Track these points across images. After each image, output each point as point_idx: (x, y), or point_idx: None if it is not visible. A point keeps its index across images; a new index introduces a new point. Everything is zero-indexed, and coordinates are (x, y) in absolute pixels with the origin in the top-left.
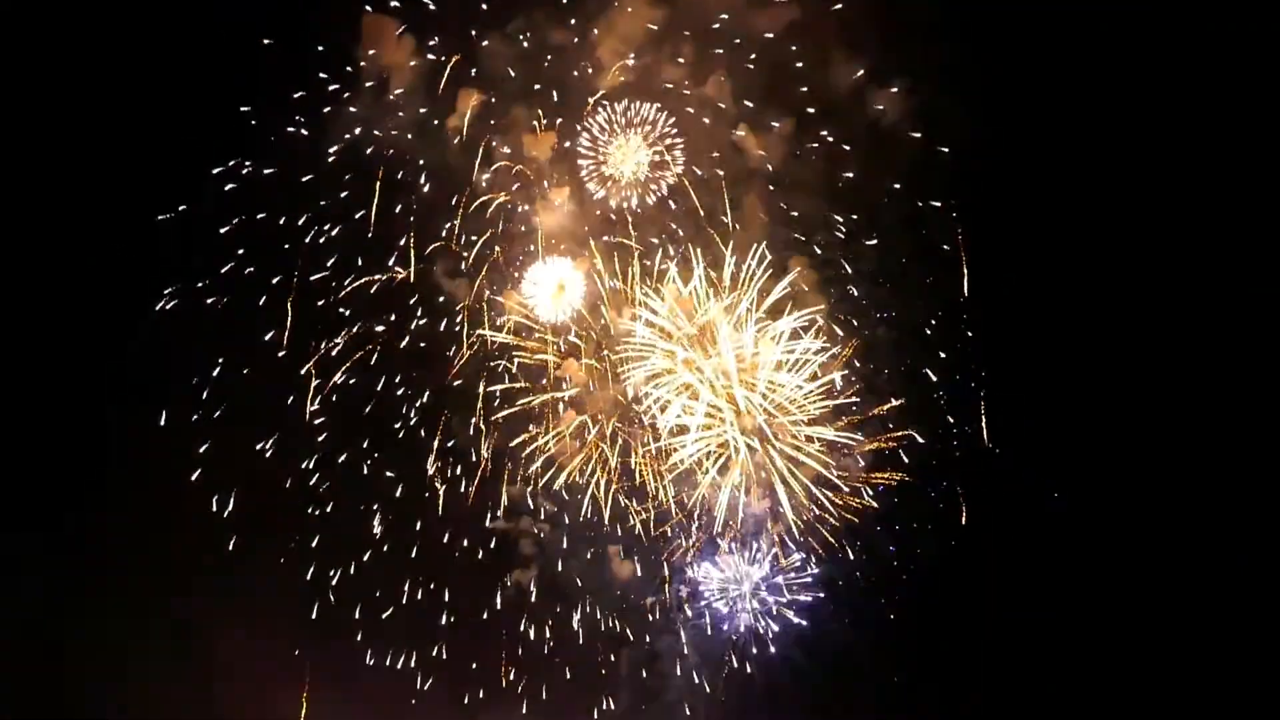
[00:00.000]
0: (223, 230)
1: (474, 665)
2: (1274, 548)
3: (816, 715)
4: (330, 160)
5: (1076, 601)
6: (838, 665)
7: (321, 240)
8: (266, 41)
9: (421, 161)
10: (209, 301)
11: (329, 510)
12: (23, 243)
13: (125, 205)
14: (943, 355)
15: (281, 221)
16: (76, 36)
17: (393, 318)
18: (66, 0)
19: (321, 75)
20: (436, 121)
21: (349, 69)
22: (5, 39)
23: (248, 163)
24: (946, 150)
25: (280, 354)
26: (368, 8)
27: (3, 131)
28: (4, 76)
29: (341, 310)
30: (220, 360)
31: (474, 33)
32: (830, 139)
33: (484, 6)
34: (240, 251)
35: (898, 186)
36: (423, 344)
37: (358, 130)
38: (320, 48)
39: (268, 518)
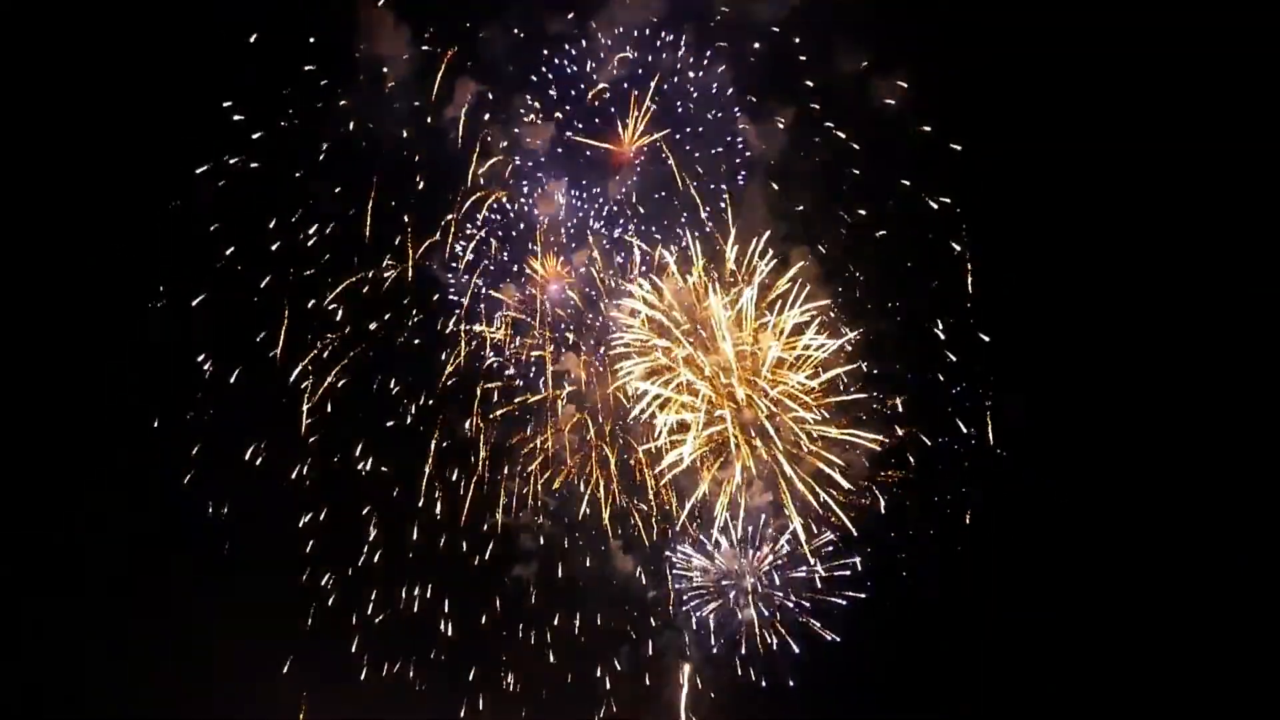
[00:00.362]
0: (214, 228)
1: (473, 670)
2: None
3: (818, 714)
4: (323, 156)
5: (1081, 603)
6: (839, 665)
7: (314, 238)
8: (255, 37)
9: (417, 156)
10: (201, 300)
11: (324, 514)
12: (12, 242)
13: (116, 202)
14: (949, 355)
15: (274, 219)
16: (69, 33)
17: (387, 316)
18: None
19: (315, 68)
20: (432, 116)
21: (343, 61)
22: None
23: (239, 159)
24: (958, 148)
25: (274, 353)
26: None
27: None
28: None
29: (335, 308)
30: (212, 361)
31: (469, 24)
32: (839, 134)
33: None
34: (231, 250)
35: (906, 183)
36: (418, 342)
37: (351, 125)
38: (311, 39)
39: (262, 521)
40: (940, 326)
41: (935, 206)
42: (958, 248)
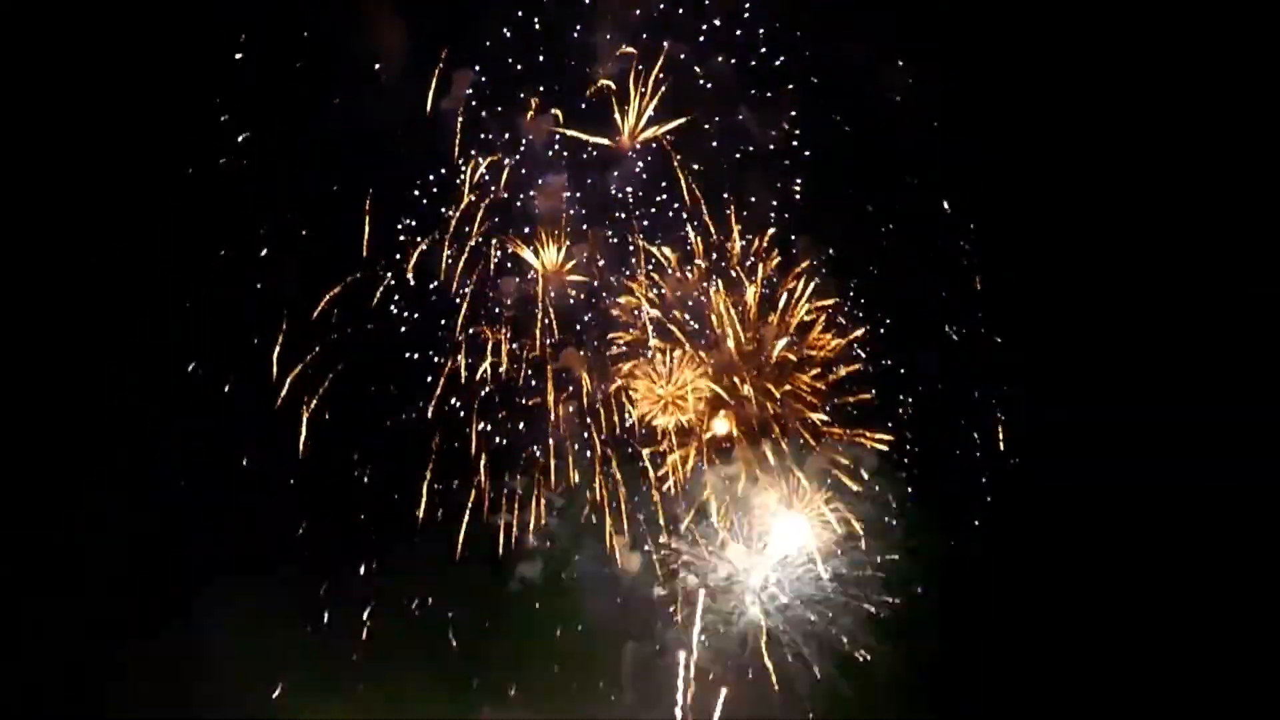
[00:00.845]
0: (206, 228)
1: (475, 678)
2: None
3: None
4: (318, 154)
5: (1089, 606)
6: (846, 664)
7: (309, 238)
8: (249, 34)
9: (414, 153)
10: (197, 302)
11: (323, 518)
12: (10, 241)
13: (113, 202)
14: (959, 356)
15: (269, 219)
16: (61, 32)
17: (385, 316)
18: None
19: (310, 63)
20: (429, 110)
21: (339, 55)
22: None
23: (233, 158)
24: (964, 140)
25: (273, 355)
26: None
27: None
28: None
29: (332, 309)
30: (209, 363)
31: (466, 17)
32: (845, 127)
33: None
34: (225, 251)
35: (914, 180)
36: (416, 343)
37: (346, 121)
38: (305, 34)
39: (260, 524)
40: (950, 327)
41: (946, 207)
42: (967, 247)
